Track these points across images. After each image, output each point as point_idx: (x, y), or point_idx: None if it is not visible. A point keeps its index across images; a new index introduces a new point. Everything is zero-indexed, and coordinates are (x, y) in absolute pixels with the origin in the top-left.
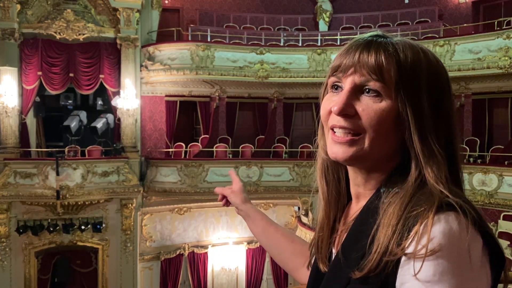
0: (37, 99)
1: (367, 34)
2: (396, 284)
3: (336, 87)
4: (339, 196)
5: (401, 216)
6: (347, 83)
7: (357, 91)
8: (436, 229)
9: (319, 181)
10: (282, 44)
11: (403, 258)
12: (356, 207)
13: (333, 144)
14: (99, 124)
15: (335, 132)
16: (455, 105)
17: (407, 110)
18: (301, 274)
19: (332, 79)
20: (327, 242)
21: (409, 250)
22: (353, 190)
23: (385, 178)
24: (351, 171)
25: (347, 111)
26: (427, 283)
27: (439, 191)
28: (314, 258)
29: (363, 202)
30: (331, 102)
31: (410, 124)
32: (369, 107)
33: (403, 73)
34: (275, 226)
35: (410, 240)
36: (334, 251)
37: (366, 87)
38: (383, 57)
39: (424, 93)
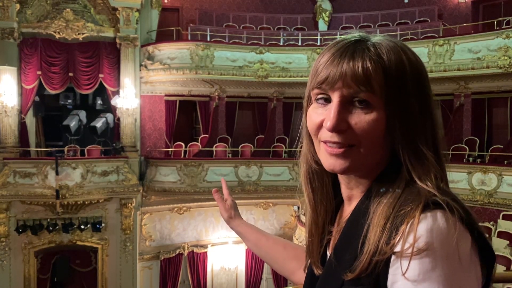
0: (37, 98)
1: (348, 38)
2: (388, 283)
3: (322, 99)
4: (326, 202)
5: (390, 216)
6: (335, 96)
7: (346, 103)
8: (423, 227)
9: (305, 189)
10: (281, 43)
11: (393, 257)
12: (348, 209)
13: (328, 156)
14: (99, 123)
15: (328, 144)
16: (434, 101)
17: (396, 116)
18: (298, 277)
19: (317, 91)
20: (318, 246)
21: (397, 249)
22: (345, 193)
23: (376, 179)
24: (344, 176)
25: (340, 127)
26: (416, 281)
27: (426, 190)
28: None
29: (355, 203)
30: (318, 115)
31: (399, 128)
32: (361, 119)
33: (390, 79)
34: (266, 236)
35: (398, 239)
36: (328, 253)
37: (356, 98)
38: (370, 67)
39: (411, 96)
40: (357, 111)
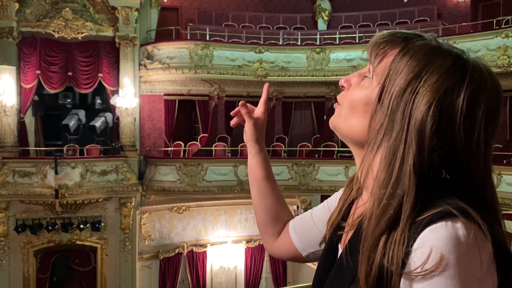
0: (36, 98)
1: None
2: None
3: None
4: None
5: (391, 231)
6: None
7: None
8: (439, 240)
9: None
10: (281, 43)
11: (403, 280)
12: (361, 202)
13: None
14: (98, 123)
15: None
16: (489, 130)
17: (381, 102)
18: (273, 244)
19: None
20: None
21: (409, 268)
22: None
23: None
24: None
25: (342, 84)
26: None
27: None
28: (324, 247)
29: (366, 196)
30: None
31: (377, 115)
32: (354, 85)
33: (392, 71)
34: (272, 184)
35: (408, 257)
36: (340, 248)
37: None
38: (386, 53)
39: (411, 98)
40: (361, 80)
